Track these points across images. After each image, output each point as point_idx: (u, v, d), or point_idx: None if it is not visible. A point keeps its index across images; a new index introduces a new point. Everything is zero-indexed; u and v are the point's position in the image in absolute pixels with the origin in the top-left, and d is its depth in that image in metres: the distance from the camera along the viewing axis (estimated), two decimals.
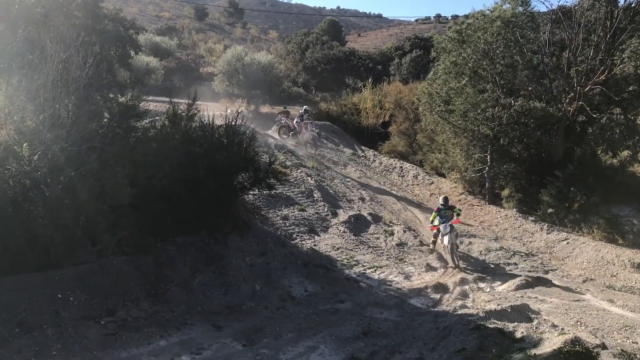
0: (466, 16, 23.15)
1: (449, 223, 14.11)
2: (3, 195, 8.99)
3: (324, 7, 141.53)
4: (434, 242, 14.82)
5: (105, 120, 11.22)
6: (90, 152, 9.77)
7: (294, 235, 14.28)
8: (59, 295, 8.78)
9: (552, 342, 8.16)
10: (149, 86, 31.51)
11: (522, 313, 10.19)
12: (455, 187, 22.24)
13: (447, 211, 14.51)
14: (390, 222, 16.67)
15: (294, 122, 24.18)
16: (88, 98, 10.91)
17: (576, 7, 18.80)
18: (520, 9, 19.39)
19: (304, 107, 26.21)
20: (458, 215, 14.61)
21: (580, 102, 18.29)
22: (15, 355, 7.50)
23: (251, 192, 14.20)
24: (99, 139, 10.22)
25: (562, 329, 9.23)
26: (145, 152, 10.92)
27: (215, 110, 15.22)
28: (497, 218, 19.02)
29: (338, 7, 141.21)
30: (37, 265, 8.96)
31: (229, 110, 22.86)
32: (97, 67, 10.84)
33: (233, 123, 12.68)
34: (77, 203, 9.38)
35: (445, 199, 14.92)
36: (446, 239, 14.01)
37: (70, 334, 8.21)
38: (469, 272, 13.52)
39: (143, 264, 10.22)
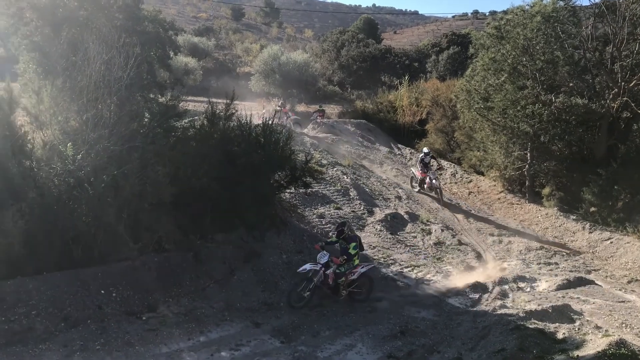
0: (505, 12, 22.72)
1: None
2: (48, 194, 9.27)
3: (360, 5, 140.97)
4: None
5: (146, 120, 11.44)
6: (131, 151, 9.98)
7: (331, 234, 14.29)
8: (102, 291, 9.01)
9: (595, 344, 7.96)
10: (188, 86, 31.98)
11: (564, 313, 9.98)
12: (495, 185, 21.89)
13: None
14: (427, 220, 16.52)
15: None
16: (129, 98, 11.14)
17: (621, 0, 18.25)
18: (561, 3, 18.95)
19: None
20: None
21: (624, 98, 17.77)
22: (61, 349, 7.72)
23: (288, 191, 14.27)
24: (140, 138, 10.42)
25: (606, 331, 9.00)
26: (184, 151, 11.10)
27: (252, 110, 15.35)
28: (538, 217, 18.65)
29: (374, 5, 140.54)
30: (82, 262, 9.21)
31: (265, 109, 23.24)
32: (137, 68, 11.07)
33: (270, 122, 12.78)
34: (119, 201, 9.60)
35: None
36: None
37: (113, 329, 8.41)
38: (504, 268, 13.30)
39: (183, 261, 10.40)
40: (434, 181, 19.20)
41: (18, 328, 7.88)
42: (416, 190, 20.45)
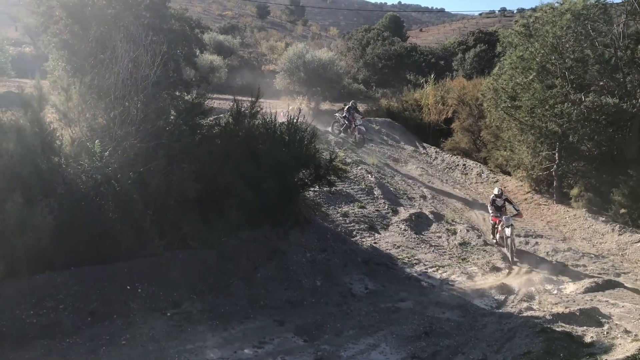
0: (533, 9, 22.36)
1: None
2: (76, 190, 9.40)
3: (385, 3, 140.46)
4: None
5: (172, 117, 11.54)
6: (158, 148, 10.07)
7: (354, 233, 14.24)
8: (128, 287, 9.11)
9: (625, 349, 7.81)
10: (213, 84, 32.13)
11: (592, 317, 9.80)
12: (522, 185, 21.61)
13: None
14: (452, 220, 16.37)
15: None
16: (156, 96, 11.24)
17: None
18: (592, 0, 18.59)
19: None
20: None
21: None
22: (88, 343, 7.83)
23: (312, 189, 14.26)
24: (167, 135, 10.52)
25: (636, 335, 8.80)
26: (210, 148, 11.17)
27: (277, 108, 15.38)
28: (565, 218, 18.34)
29: (399, 3, 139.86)
30: (108, 257, 9.32)
31: (290, 107, 22.84)
32: (164, 65, 11.17)
33: (294, 120, 12.78)
34: (145, 197, 9.70)
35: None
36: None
37: (139, 324, 8.50)
38: (531, 270, 13.12)
39: (207, 257, 10.46)
40: (506, 231, 14.03)
41: (46, 322, 8.02)
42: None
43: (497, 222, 14.79)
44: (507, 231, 13.94)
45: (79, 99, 10.06)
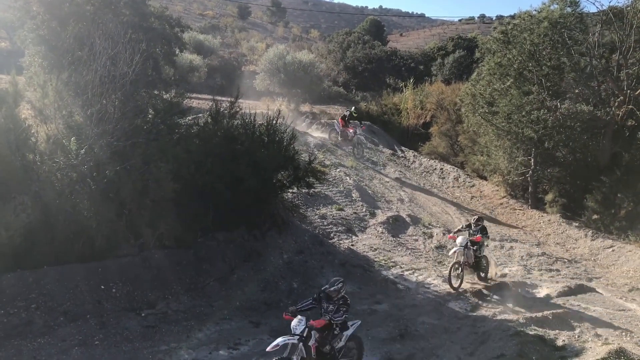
0: (512, 16, 22.76)
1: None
2: (51, 188, 9.27)
3: (366, 7, 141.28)
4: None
5: (149, 116, 11.44)
6: (135, 147, 9.98)
7: (332, 235, 14.27)
8: (102, 287, 9.01)
9: (595, 352, 7.95)
10: (193, 84, 31.94)
11: (564, 321, 9.94)
12: (497, 190, 21.86)
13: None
14: (429, 224, 16.48)
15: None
16: (134, 94, 11.14)
17: (628, 8, 18.20)
18: (569, 9, 18.91)
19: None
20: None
21: (630, 106, 17.74)
22: (60, 343, 7.72)
23: (290, 191, 14.24)
24: (144, 134, 10.42)
25: (606, 339, 8.96)
26: (188, 148, 11.08)
27: (257, 109, 15.34)
28: (540, 223, 18.60)
29: (380, 7, 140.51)
30: (82, 256, 9.21)
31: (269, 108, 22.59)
32: (143, 64, 11.07)
33: (274, 121, 12.75)
34: (121, 197, 9.60)
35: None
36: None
37: (112, 324, 8.41)
38: (505, 274, 13.28)
39: (183, 258, 10.39)
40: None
41: (17, 321, 7.89)
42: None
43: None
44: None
45: (56, 96, 9.92)
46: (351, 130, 22.74)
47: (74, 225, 9.19)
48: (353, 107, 26.02)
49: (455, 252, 12.11)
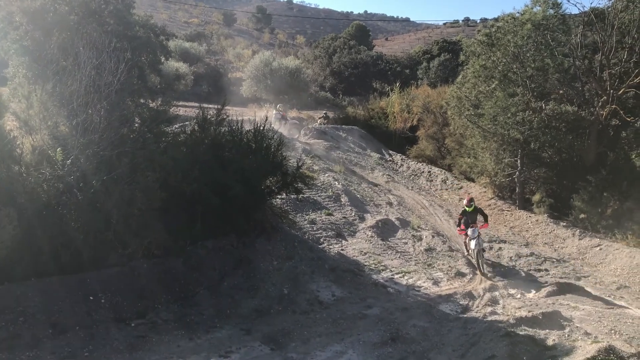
0: (496, 19, 22.91)
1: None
2: (37, 199, 9.19)
3: (352, 12, 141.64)
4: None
5: (136, 125, 11.39)
6: (121, 156, 9.92)
7: (322, 240, 14.27)
8: (91, 298, 8.93)
9: (585, 351, 7.98)
10: (179, 91, 31.92)
11: (554, 320, 9.99)
12: (485, 191, 21.99)
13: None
14: (418, 227, 16.54)
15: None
16: (120, 103, 11.08)
17: (609, 9, 18.43)
18: (551, 11, 19.10)
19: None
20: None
21: (613, 106, 17.93)
22: (49, 355, 7.64)
23: (279, 196, 14.25)
24: (130, 143, 10.37)
25: (596, 337, 9.02)
26: (175, 156, 11.03)
27: (244, 115, 15.33)
28: (528, 223, 18.73)
29: (365, 12, 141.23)
30: (69, 268, 9.12)
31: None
32: (128, 73, 11.02)
33: (261, 128, 12.75)
34: (108, 207, 9.53)
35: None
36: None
37: (102, 335, 8.33)
38: (497, 279, 13.35)
39: (172, 267, 10.33)
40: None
41: (4, 335, 7.79)
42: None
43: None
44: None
45: (41, 107, 9.86)
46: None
47: (61, 236, 9.11)
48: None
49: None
